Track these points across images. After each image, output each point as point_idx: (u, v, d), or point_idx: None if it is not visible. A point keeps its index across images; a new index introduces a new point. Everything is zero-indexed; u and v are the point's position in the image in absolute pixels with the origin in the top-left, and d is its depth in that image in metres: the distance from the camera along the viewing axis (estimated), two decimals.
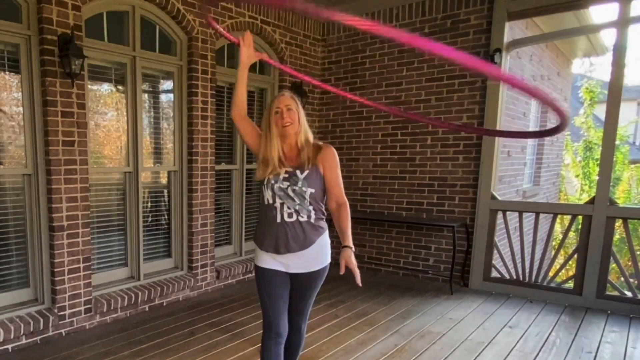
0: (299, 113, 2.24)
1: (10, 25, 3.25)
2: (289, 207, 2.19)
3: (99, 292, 3.91)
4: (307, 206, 2.20)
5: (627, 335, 3.70)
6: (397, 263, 5.54)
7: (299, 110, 2.24)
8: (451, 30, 4.92)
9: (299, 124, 2.23)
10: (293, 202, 2.19)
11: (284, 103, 2.21)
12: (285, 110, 2.20)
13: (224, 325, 3.84)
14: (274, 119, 2.20)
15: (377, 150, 5.56)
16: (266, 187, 2.22)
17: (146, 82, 4.31)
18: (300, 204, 2.19)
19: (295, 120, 2.21)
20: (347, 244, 2.16)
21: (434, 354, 3.35)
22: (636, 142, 16.49)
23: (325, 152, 2.24)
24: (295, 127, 2.21)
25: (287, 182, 2.19)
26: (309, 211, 2.21)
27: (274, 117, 2.21)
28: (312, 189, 2.19)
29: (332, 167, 2.23)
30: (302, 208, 2.19)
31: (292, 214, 2.20)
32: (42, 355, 3.25)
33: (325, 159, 2.22)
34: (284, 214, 2.20)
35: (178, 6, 4.16)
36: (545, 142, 7.78)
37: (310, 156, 2.22)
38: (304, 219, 2.20)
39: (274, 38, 5.19)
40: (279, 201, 2.20)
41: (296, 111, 2.22)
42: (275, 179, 2.20)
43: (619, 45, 4.07)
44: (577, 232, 5.90)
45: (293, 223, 2.20)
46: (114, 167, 4.17)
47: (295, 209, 2.19)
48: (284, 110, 2.19)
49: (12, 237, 3.49)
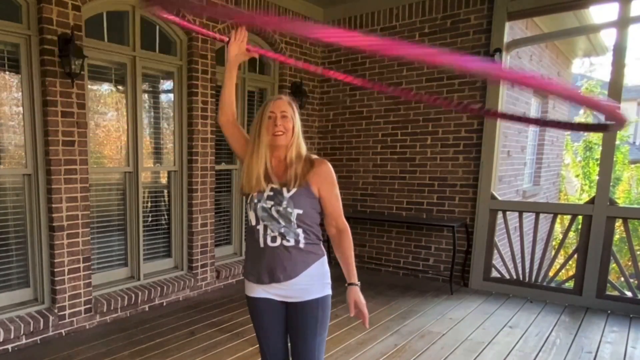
0: (295, 122, 1.93)
1: (10, 25, 3.25)
2: (273, 229, 1.89)
3: (99, 292, 3.91)
4: (294, 229, 1.89)
5: (627, 335, 3.70)
6: (397, 263, 5.54)
7: (294, 118, 1.94)
8: (451, 30, 4.92)
9: (293, 135, 1.92)
10: (278, 225, 1.88)
11: (280, 108, 1.91)
12: (279, 116, 1.90)
13: (224, 325, 3.84)
14: (266, 125, 1.90)
15: (377, 150, 5.56)
16: (249, 206, 1.93)
17: (146, 82, 4.31)
18: (286, 226, 1.88)
19: (289, 129, 1.91)
20: (352, 281, 1.93)
21: (434, 354, 3.35)
22: (636, 142, 16.48)
23: (318, 168, 1.91)
24: (288, 137, 1.91)
25: (271, 202, 1.88)
26: (297, 235, 1.89)
27: (265, 122, 1.91)
28: (300, 209, 1.88)
29: (327, 187, 1.92)
30: (289, 231, 1.89)
31: (275, 237, 1.90)
32: (42, 355, 3.25)
33: (319, 177, 1.91)
34: (267, 237, 1.90)
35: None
36: (545, 142, 7.79)
37: (299, 173, 1.90)
38: (289, 244, 1.89)
39: (274, 38, 5.19)
40: (262, 223, 1.90)
41: (291, 119, 1.92)
42: (259, 197, 1.90)
43: (619, 45, 4.07)
44: (577, 232, 5.89)
45: (277, 248, 1.90)
46: (114, 167, 4.17)
47: (280, 232, 1.89)
48: (277, 116, 1.90)
49: (12, 237, 3.49)
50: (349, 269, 1.96)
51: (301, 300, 1.94)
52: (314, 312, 1.94)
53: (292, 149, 1.92)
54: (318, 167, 1.92)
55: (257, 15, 2.08)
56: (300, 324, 1.96)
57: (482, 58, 1.56)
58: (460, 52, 4.82)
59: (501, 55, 4.59)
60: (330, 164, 1.98)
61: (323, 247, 2.01)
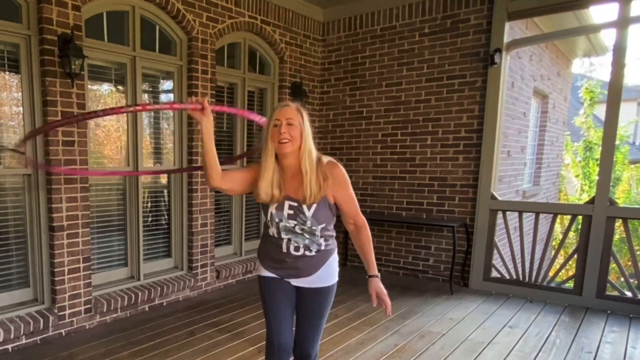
0: (303, 129, 1.90)
1: (10, 25, 3.25)
2: (297, 242, 1.99)
3: (99, 292, 3.91)
4: (317, 240, 2.00)
5: (627, 335, 3.70)
6: (397, 263, 5.54)
7: (303, 125, 1.90)
8: (451, 30, 4.92)
9: (301, 141, 1.89)
10: (302, 238, 1.98)
11: (285, 116, 1.89)
12: (284, 124, 1.88)
13: (224, 325, 3.84)
14: (272, 132, 1.90)
15: (377, 150, 5.56)
16: (270, 223, 2.00)
17: (146, 82, 4.31)
18: (310, 239, 1.99)
19: (296, 137, 1.88)
20: (373, 273, 2.01)
21: (434, 354, 3.35)
22: (636, 142, 16.49)
23: (333, 177, 1.93)
24: (295, 145, 1.88)
25: (294, 221, 1.94)
26: (319, 244, 2.02)
27: (272, 129, 1.91)
28: (323, 224, 1.97)
29: (341, 191, 1.96)
30: (312, 243, 2.00)
31: (299, 248, 1.99)
32: (42, 355, 3.25)
33: (333, 183, 1.93)
34: (291, 247, 2.00)
35: (178, 6, 4.16)
36: (546, 142, 7.79)
37: (315, 190, 1.89)
38: (311, 254, 2.02)
39: (274, 38, 5.19)
40: (286, 236, 1.99)
41: (299, 126, 1.89)
42: (279, 216, 1.95)
43: (619, 45, 4.07)
44: (577, 232, 5.89)
45: (300, 256, 2.01)
46: (114, 167, 4.17)
47: (305, 244, 1.99)
48: (283, 123, 1.88)
49: (12, 237, 3.49)
50: (369, 261, 2.04)
51: (314, 286, 2.06)
52: (324, 298, 2.08)
53: (305, 158, 1.90)
54: (330, 174, 1.93)
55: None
56: (309, 308, 2.08)
57: None
58: (460, 53, 4.83)
59: (501, 55, 4.60)
60: (340, 165, 1.99)
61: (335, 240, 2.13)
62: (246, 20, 4.82)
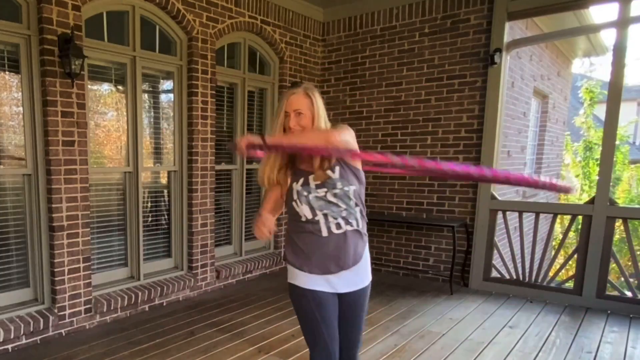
0: (314, 112, 1.90)
1: (10, 25, 3.25)
2: (335, 216, 1.89)
3: (99, 292, 3.91)
4: (353, 209, 1.92)
5: (627, 335, 3.70)
6: (397, 263, 5.54)
7: (313, 108, 1.90)
8: (451, 30, 4.92)
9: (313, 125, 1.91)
10: (338, 209, 1.89)
11: (292, 107, 1.89)
12: (293, 115, 1.89)
13: (224, 325, 3.84)
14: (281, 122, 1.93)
15: (377, 150, 5.56)
16: (299, 202, 1.91)
17: (146, 82, 4.31)
18: (347, 208, 1.90)
19: (307, 124, 1.89)
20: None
21: (434, 354, 3.35)
22: (636, 142, 16.50)
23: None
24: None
25: (324, 188, 1.88)
26: (357, 217, 1.94)
27: (282, 119, 1.92)
28: (353, 185, 1.90)
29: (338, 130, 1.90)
30: (350, 213, 1.91)
31: (339, 224, 1.90)
32: (42, 355, 3.25)
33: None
34: (331, 225, 1.90)
35: (178, 6, 4.16)
36: (545, 142, 7.79)
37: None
38: (352, 228, 1.92)
39: (274, 38, 5.19)
40: (321, 213, 1.89)
41: (309, 112, 1.90)
42: (307, 190, 1.90)
43: (619, 45, 4.07)
44: (577, 232, 5.90)
45: (343, 235, 1.91)
46: (114, 167, 4.17)
47: (343, 216, 1.90)
48: (292, 115, 1.89)
49: (12, 237, 3.49)
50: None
51: (356, 288, 1.98)
52: (365, 299, 2.04)
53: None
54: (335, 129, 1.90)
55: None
56: (353, 314, 2.02)
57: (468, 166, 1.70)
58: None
59: (501, 55, 4.60)
60: (348, 126, 1.94)
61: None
62: (246, 20, 4.82)
